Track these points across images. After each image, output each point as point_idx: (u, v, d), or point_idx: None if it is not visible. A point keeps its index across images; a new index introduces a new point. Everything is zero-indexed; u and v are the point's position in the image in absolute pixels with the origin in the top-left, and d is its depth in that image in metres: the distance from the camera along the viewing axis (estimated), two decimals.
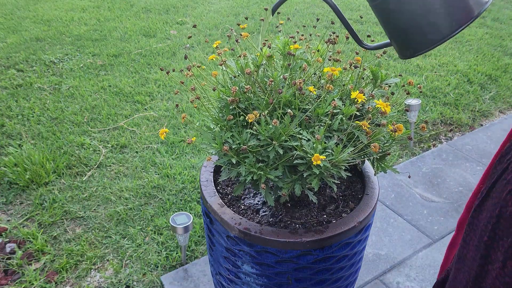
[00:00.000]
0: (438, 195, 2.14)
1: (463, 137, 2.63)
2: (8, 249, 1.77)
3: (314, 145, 0.88)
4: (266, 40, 1.05)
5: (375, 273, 1.72)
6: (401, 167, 2.34)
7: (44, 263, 1.72)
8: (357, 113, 1.00)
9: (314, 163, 0.84)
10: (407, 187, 2.20)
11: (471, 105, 2.94)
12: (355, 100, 0.94)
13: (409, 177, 2.24)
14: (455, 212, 2.04)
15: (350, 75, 1.08)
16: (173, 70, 1.00)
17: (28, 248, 1.78)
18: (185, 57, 1.03)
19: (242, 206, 1.15)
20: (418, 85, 1.25)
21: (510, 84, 3.23)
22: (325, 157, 0.86)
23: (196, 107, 1.01)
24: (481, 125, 2.78)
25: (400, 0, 0.72)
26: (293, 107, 0.96)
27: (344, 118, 0.96)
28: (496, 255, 0.61)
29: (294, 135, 0.91)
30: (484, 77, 3.28)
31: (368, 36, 1.20)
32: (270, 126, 0.91)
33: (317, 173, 0.88)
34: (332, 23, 1.18)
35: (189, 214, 1.63)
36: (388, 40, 0.85)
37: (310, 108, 0.97)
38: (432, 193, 2.16)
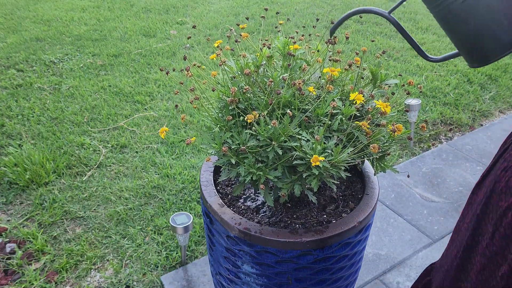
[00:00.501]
0: (438, 195, 2.14)
1: (463, 137, 2.63)
2: (8, 249, 1.77)
3: (314, 145, 0.88)
4: (266, 40, 1.05)
5: (375, 273, 1.72)
6: (401, 167, 2.34)
7: (44, 263, 1.72)
8: (357, 113, 1.00)
9: (313, 164, 0.84)
10: (407, 187, 2.20)
11: (471, 105, 2.94)
12: (354, 101, 0.94)
13: (408, 176, 2.24)
14: (455, 212, 2.04)
15: (350, 75, 1.08)
16: (174, 70, 1.00)
17: (28, 248, 1.78)
18: (184, 58, 1.03)
19: (242, 206, 1.15)
20: (418, 85, 1.25)
21: (510, 84, 3.23)
22: (324, 158, 0.86)
23: (196, 108, 1.01)
24: (481, 125, 2.78)
25: (470, 7, 0.70)
26: (292, 107, 0.96)
27: (343, 118, 0.96)
28: (486, 227, 0.65)
29: (294, 135, 0.91)
30: (484, 77, 3.28)
31: (372, 41, 1.20)
32: (269, 126, 0.91)
33: (317, 174, 0.88)
34: (332, 23, 1.17)
35: (189, 214, 1.63)
36: (455, 51, 0.82)
37: (309, 109, 0.97)
38: (432, 193, 2.16)
